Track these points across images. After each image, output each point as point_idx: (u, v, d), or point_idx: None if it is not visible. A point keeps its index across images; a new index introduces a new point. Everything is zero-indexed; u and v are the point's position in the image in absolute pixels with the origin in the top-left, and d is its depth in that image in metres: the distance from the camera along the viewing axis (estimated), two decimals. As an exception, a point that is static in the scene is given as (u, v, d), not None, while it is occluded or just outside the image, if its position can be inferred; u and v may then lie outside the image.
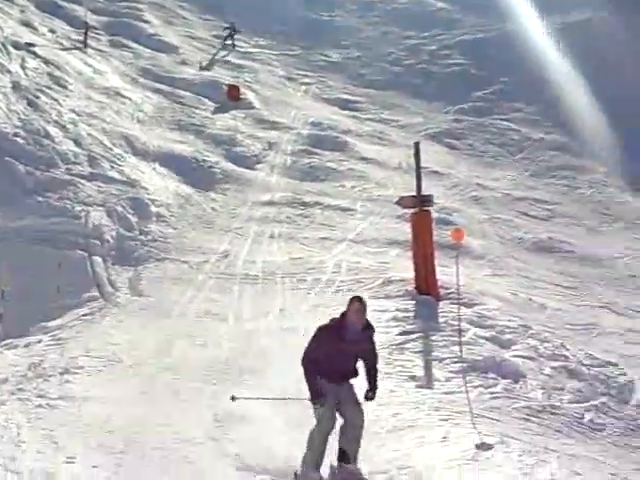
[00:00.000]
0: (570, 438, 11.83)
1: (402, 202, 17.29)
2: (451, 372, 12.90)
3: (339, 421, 9.11)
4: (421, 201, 16.70)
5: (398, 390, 12.11)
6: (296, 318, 15.47)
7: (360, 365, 9.36)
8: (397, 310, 15.37)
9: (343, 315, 9.20)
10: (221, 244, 20.53)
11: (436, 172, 28.06)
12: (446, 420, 11.25)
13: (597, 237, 26.24)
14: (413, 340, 14.00)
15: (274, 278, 18.20)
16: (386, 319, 14.96)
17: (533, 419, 12.09)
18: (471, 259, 20.83)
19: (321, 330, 9.23)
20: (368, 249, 20.61)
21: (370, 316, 14.88)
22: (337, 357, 9.02)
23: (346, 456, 9.11)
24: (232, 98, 32.47)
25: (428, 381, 12.62)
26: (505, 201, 27.48)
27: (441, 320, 14.96)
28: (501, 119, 35.89)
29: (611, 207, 29.29)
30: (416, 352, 13.56)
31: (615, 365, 14.95)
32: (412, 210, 16.95)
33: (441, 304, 15.77)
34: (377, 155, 29.38)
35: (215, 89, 32.89)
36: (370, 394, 9.21)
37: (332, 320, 9.30)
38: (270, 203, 23.97)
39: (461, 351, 13.52)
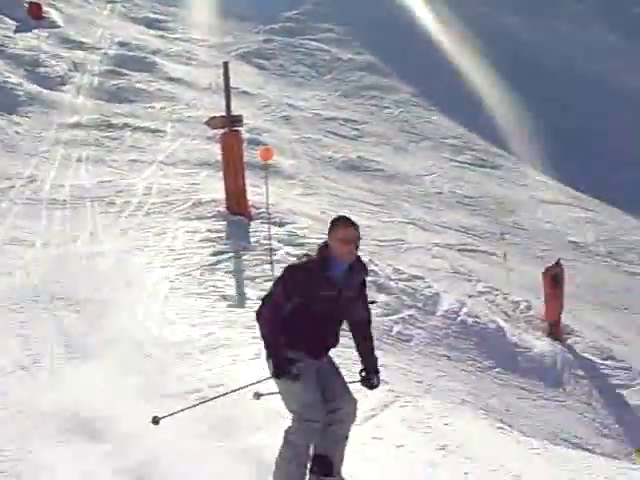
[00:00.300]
0: (380, 350, 12.22)
1: (211, 123, 17.17)
2: (263, 291, 13.02)
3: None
4: (231, 121, 16.62)
5: (210, 310, 12.16)
6: (106, 242, 15.25)
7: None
8: (209, 231, 15.38)
9: (324, 248, 6.02)
10: (26, 169, 19.82)
11: (246, 92, 27.98)
12: (257, 337, 11.40)
13: (404, 156, 27.01)
14: (225, 260, 14.07)
15: (83, 202, 17.75)
16: (198, 240, 14.97)
17: (343, 333, 12.44)
18: (282, 179, 21.06)
19: (293, 272, 6.07)
20: (179, 171, 20.44)
21: (182, 238, 15.11)
22: (321, 315, 6.01)
23: (326, 465, 6.04)
24: (34, 16, 31.07)
25: (240, 300, 12.73)
26: (315, 121, 27.77)
27: (253, 240, 15.09)
28: (311, 39, 35.95)
29: (418, 126, 30.12)
30: (228, 272, 13.64)
31: (421, 279, 15.60)
32: (222, 131, 16.87)
33: (252, 224, 15.89)
34: (186, 75, 28.97)
35: (15, 6, 31.39)
36: (371, 378, 6.28)
37: (306, 257, 6.27)
38: (77, 125, 23.28)
39: (272, 270, 13.71)
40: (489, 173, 27.98)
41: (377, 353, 6.43)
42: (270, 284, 7.51)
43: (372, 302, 7.68)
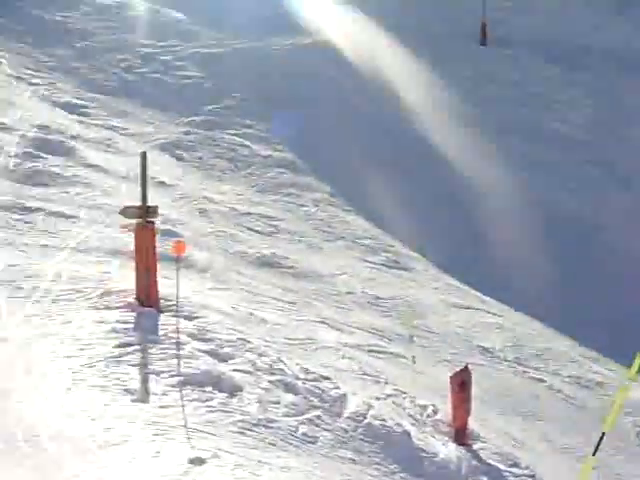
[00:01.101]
0: (284, 451, 12.14)
1: (126, 212, 17.03)
2: (168, 386, 12.84)
3: None
4: (145, 212, 16.53)
5: (112, 404, 11.90)
6: (10, 328, 14.86)
7: None
8: (116, 322, 15.10)
9: None
10: None
11: (163, 183, 27.95)
12: (160, 435, 11.19)
13: (318, 254, 27.17)
14: (131, 353, 13.80)
15: (-13, 285, 17.37)
16: (104, 331, 14.67)
17: (248, 433, 12.29)
18: (195, 272, 20.92)
19: None
20: (90, 258, 20.12)
21: (88, 327, 14.81)
22: None
23: None
24: (-49, 94, 30.88)
25: (144, 395, 12.47)
26: (231, 215, 27.82)
27: (161, 333, 14.86)
28: (231, 134, 36.27)
29: (333, 225, 30.41)
30: (133, 365, 13.37)
31: (329, 379, 15.54)
32: (136, 220, 16.74)
33: (162, 317, 15.67)
34: (104, 162, 28.80)
35: None
36: None
37: None
38: (-13, 208, 22.90)
39: (179, 365, 13.52)
40: (401, 275, 28.28)
41: (279, 454, 6.42)
42: (176, 379, 6.92)
43: None
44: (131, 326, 15.02)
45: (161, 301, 16.26)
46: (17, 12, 42.72)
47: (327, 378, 15.58)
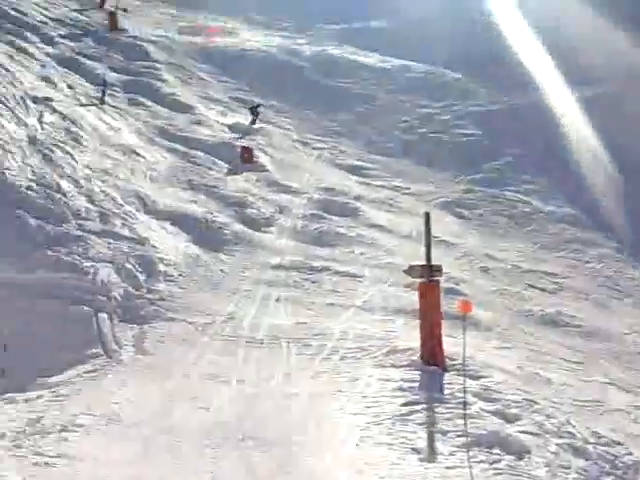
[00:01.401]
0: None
1: (411, 271, 17.20)
2: (455, 446, 12.69)
3: None
4: (430, 270, 16.62)
5: (400, 462, 11.94)
6: (300, 384, 15.35)
7: None
8: (402, 380, 15.21)
9: None
10: (228, 306, 20.45)
11: (445, 241, 28.02)
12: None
13: (605, 312, 26.10)
14: (417, 411, 13.81)
15: (279, 342, 18.08)
16: (391, 389, 14.81)
17: (538, 497, 11.93)
18: (478, 330, 20.68)
19: None
20: (375, 317, 20.48)
21: (375, 385, 15.00)
22: None
23: None
24: (245, 160, 32.63)
25: (431, 454, 12.42)
26: (514, 273, 27.37)
27: (446, 392, 14.78)
28: (511, 190, 35.86)
29: (620, 282, 29.17)
30: (420, 424, 13.36)
31: (621, 444, 14.77)
32: (421, 279, 16.86)
33: (447, 375, 15.59)
34: (387, 222, 29.36)
35: (229, 151, 33.07)
36: None
37: None
38: (279, 266, 23.91)
39: (465, 424, 13.34)
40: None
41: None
42: (462, 439, 6.74)
43: None
44: (417, 384, 15.06)
45: (446, 359, 16.20)
46: (301, 81, 44.79)
47: (619, 443, 14.78)
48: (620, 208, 34.71)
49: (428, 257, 16.60)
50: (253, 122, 38.11)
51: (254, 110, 38.60)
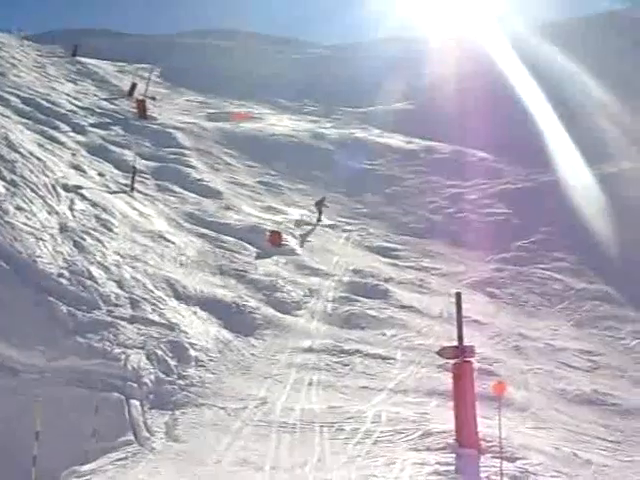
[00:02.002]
0: None
1: (443, 352, 17.10)
2: (492, 531, 12.46)
3: None
4: (462, 351, 16.50)
5: None
6: (334, 470, 15.15)
7: None
8: (437, 464, 15.00)
9: None
10: (259, 390, 20.35)
11: (477, 321, 27.85)
12: None
13: (642, 389, 25.70)
14: (454, 496, 13.61)
15: (312, 427, 17.93)
16: (427, 472, 14.60)
17: None
18: (513, 411, 20.42)
19: None
20: (408, 399, 20.28)
21: (410, 469, 14.78)
22: None
23: None
24: (274, 244, 32.79)
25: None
26: (547, 351, 27.07)
27: (483, 475, 14.55)
28: (542, 268, 35.72)
29: (656, 358, 28.77)
30: (457, 509, 13.15)
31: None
32: (453, 360, 16.73)
33: (482, 458, 15.37)
34: (417, 303, 29.26)
35: (257, 234, 33.25)
36: None
37: None
38: (310, 350, 23.81)
39: (504, 508, 13.10)
40: None
41: None
42: None
43: None
44: (452, 468, 14.85)
45: (481, 442, 15.97)
46: (327, 163, 45.26)
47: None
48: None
49: (460, 337, 16.50)
50: (319, 218, 38.37)
51: (320, 204, 38.71)
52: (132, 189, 34.50)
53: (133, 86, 53.25)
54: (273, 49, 77.06)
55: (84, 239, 26.15)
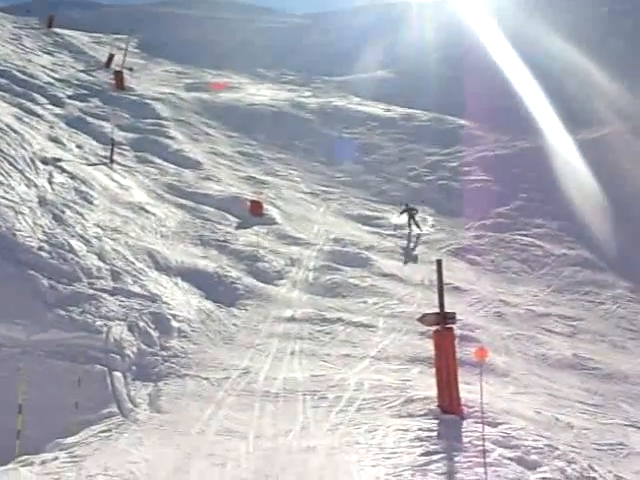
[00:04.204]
0: None
1: (425, 319, 17.14)
2: (475, 496, 12.54)
3: None
4: (444, 318, 16.54)
5: (423, 514, 11.79)
6: (317, 437, 15.20)
7: None
8: (420, 430, 15.05)
9: None
10: (242, 360, 20.38)
11: (458, 288, 27.97)
12: None
13: (622, 353, 25.89)
14: (436, 461, 13.63)
15: (295, 395, 17.96)
16: (409, 439, 14.65)
17: None
18: (495, 376, 20.54)
19: None
20: (390, 366, 20.36)
21: (393, 436, 14.85)
22: None
23: None
24: (255, 214, 32.74)
25: (452, 504, 12.27)
26: (528, 317, 27.25)
27: (465, 440, 14.60)
28: (523, 235, 35.87)
29: (636, 323, 28.96)
30: (440, 474, 13.17)
31: (645, 488, 14.59)
32: (435, 327, 16.78)
33: (465, 423, 15.42)
34: (399, 271, 29.33)
35: (238, 205, 33.18)
36: None
37: None
38: (292, 319, 23.87)
39: (486, 473, 13.16)
40: None
41: None
42: None
43: None
44: (435, 433, 14.90)
45: (463, 407, 16.06)
46: (307, 133, 45.11)
47: (644, 486, 14.62)
48: (632, 248, 34.62)
49: (441, 304, 16.54)
50: (417, 225, 35.41)
51: (410, 212, 35.49)
52: (111, 161, 34.33)
53: (110, 57, 52.85)
54: (242, 18, 76.49)
55: (64, 212, 26.03)
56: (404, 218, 35.50)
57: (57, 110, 39.46)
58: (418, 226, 35.04)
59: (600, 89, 49.95)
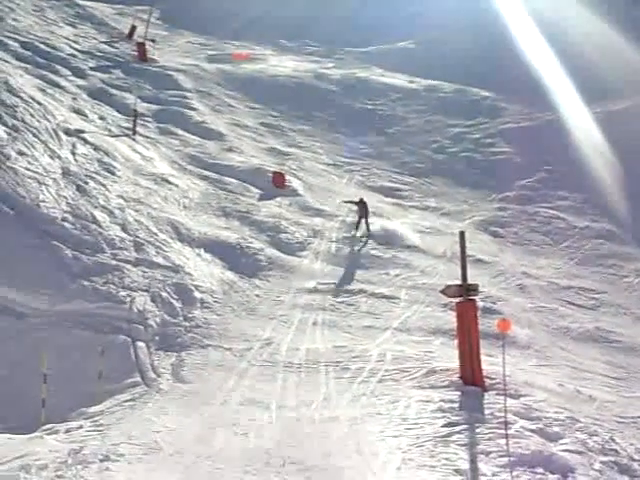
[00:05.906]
0: None
1: (447, 291, 17.11)
2: (497, 466, 12.53)
3: None
4: (466, 290, 16.52)
5: (443, 484, 11.84)
6: (339, 408, 15.28)
7: None
8: (442, 401, 15.10)
9: None
10: (265, 331, 20.47)
11: (481, 260, 27.89)
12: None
13: (645, 326, 25.81)
14: (458, 432, 13.68)
15: (317, 366, 18.04)
16: (431, 410, 14.70)
17: (583, 516, 11.77)
18: (517, 349, 20.54)
19: None
20: (412, 338, 20.41)
21: (415, 407, 14.89)
22: None
23: None
24: (277, 185, 32.71)
25: (474, 475, 12.27)
26: (551, 290, 27.16)
27: (487, 412, 14.63)
28: (546, 207, 35.66)
29: (659, 296, 28.84)
30: (461, 445, 13.22)
31: (667, 461, 14.53)
32: (457, 299, 16.77)
33: (487, 395, 15.46)
34: (421, 243, 29.27)
35: (260, 176, 33.15)
36: None
37: None
38: (314, 290, 23.91)
39: (507, 444, 13.18)
40: None
41: None
42: (505, 459, 6.56)
43: None
44: (457, 405, 14.94)
45: (485, 379, 16.07)
46: (329, 104, 44.93)
47: (666, 460, 14.56)
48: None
49: (464, 276, 16.51)
50: (367, 226, 29.53)
51: (363, 208, 29.84)
52: (134, 132, 34.34)
53: (133, 28, 52.67)
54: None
55: (87, 183, 26.15)
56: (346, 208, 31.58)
57: (80, 82, 39.42)
58: (368, 228, 29.59)
59: (624, 60, 49.38)
